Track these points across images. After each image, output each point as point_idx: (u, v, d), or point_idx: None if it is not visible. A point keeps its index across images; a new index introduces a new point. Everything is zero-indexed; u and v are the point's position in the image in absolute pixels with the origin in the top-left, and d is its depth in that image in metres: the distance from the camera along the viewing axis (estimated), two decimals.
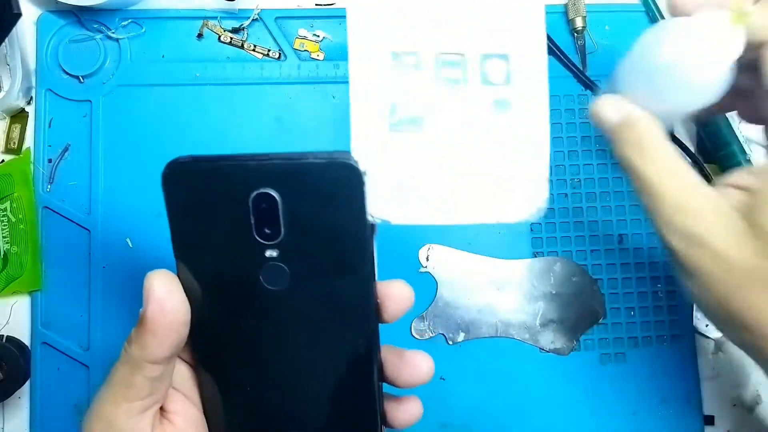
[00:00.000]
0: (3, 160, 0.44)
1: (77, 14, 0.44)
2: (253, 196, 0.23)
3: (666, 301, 0.45)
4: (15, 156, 0.44)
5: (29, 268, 0.42)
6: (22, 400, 0.42)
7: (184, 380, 0.26)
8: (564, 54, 0.46)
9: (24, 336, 0.42)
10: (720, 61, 0.26)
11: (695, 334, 0.45)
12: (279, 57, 0.45)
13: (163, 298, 0.23)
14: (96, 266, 0.42)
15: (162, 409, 0.26)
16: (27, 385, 0.41)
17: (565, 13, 0.47)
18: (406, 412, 0.27)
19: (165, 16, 0.45)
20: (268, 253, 0.24)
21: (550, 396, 0.44)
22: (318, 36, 0.45)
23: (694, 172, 0.28)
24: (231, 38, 0.45)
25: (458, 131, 0.26)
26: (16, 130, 0.44)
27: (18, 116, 0.44)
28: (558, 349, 0.44)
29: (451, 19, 0.26)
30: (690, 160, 0.46)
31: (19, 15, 0.40)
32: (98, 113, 0.43)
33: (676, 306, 0.45)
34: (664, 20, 0.27)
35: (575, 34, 0.47)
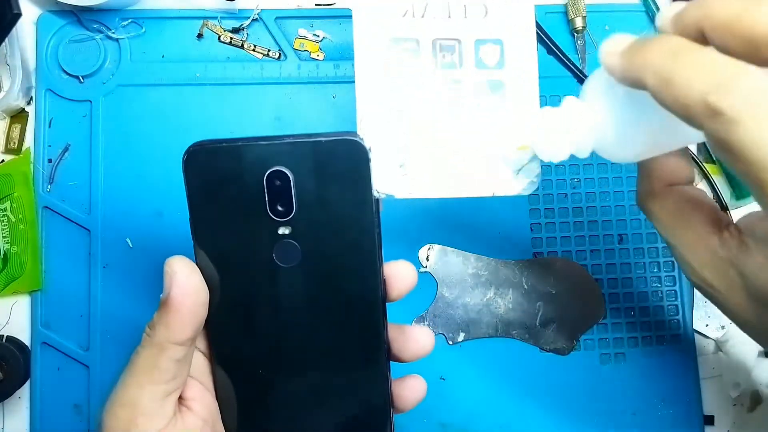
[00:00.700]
0: (3, 160, 0.44)
1: (77, 14, 0.44)
2: (268, 174, 0.25)
3: (666, 301, 0.45)
4: (15, 156, 0.44)
5: (29, 268, 0.42)
6: (22, 400, 0.42)
7: (199, 368, 0.27)
8: (564, 54, 0.46)
9: (24, 336, 0.42)
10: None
11: (695, 334, 0.45)
12: (279, 57, 0.45)
13: (186, 280, 0.25)
14: (96, 266, 0.42)
15: (180, 397, 0.27)
16: (27, 385, 0.41)
17: (565, 13, 0.47)
18: (411, 389, 0.28)
19: (165, 16, 0.45)
20: (281, 231, 0.26)
21: (550, 396, 0.44)
22: (318, 36, 0.46)
23: None
24: (231, 38, 0.45)
25: (455, 110, 0.28)
26: (16, 130, 0.44)
27: (18, 116, 0.44)
28: (558, 349, 0.44)
29: (447, 7, 0.28)
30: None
31: (19, 15, 0.40)
32: (98, 113, 0.43)
33: (676, 306, 0.45)
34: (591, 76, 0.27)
35: (575, 34, 0.47)
